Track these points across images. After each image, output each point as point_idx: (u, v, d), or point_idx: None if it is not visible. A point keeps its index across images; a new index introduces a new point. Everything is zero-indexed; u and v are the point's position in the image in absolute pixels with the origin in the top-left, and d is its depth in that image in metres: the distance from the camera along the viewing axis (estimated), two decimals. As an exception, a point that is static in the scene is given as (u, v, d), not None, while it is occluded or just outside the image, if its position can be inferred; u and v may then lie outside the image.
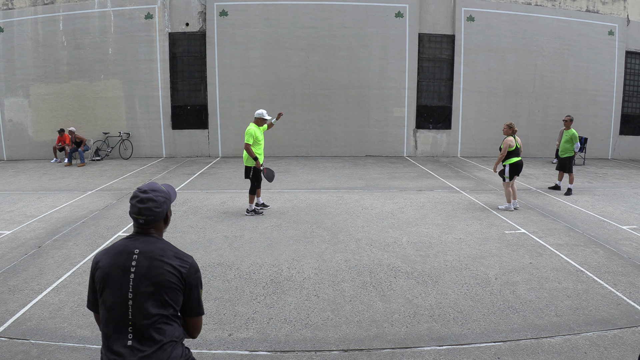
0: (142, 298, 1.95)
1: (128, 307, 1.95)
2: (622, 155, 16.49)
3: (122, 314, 1.95)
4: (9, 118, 15.06)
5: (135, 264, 1.98)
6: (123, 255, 2.01)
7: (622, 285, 5.00)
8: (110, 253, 2.04)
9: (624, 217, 7.90)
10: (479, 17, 15.22)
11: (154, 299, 1.96)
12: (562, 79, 15.77)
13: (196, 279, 2.07)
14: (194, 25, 14.90)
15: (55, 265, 5.48)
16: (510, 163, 8.19)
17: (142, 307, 1.94)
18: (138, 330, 1.93)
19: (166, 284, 1.97)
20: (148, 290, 1.95)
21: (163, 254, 2.02)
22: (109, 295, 1.97)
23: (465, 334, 3.96)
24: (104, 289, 1.99)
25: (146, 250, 2.02)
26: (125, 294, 1.95)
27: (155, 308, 1.95)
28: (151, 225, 2.09)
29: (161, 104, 15.04)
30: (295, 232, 6.88)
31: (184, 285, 2.02)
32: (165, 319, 1.97)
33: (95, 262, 2.05)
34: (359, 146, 15.53)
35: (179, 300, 2.02)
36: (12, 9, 14.65)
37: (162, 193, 2.10)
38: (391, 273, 5.30)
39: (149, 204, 2.04)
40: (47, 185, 10.59)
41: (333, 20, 14.92)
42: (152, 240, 2.07)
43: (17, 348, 3.69)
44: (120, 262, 1.99)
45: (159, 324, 1.96)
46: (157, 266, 1.98)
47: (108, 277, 1.98)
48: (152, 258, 1.99)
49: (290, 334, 3.97)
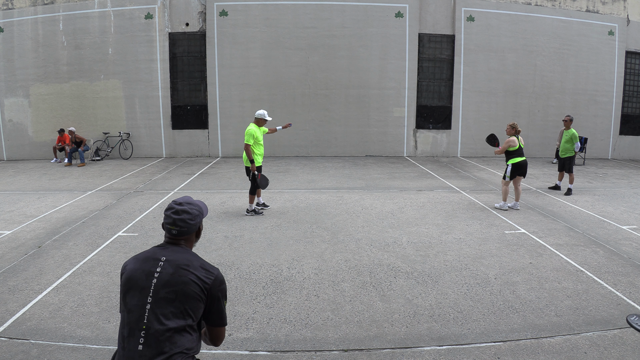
0: (161, 304, 1.96)
1: (145, 310, 1.96)
2: (622, 155, 16.49)
3: (138, 317, 1.96)
4: (9, 118, 15.06)
5: (160, 270, 2.02)
6: (150, 261, 2.06)
7: (622, 285, 5.00)
8: (139, 259, 2.10)
9: (624, 217, 7.90)
10: (479, 17, 15.22)
11: (173, 307, 1.96)
12: (562, 79, 15.77)
13: (220, 291, 2.08)
14: (194, 25, 14.90)
15: (55, 265, 5.48)
16: (513, 163, 8.21)
17: (159, 313, 1.95)
18: (150, 336, 1.93)
19: (188, 292, 1.98)
20: (169, 297, 1.97)
21: (189, 264, 2.05)
22: (130, 297, 2.00)
23: (465, 334, 3.96)
24: (127, 292, 2.02)
25: (173, 258, 2.06)
26: (145, 298, 1.97)
27: (173, 316, 1.96)
28: (183, 236, 2.14)
29: (161, 104, 15.04)
30: (295, 232, 6.88)
31: (206, 296, 2.03)
32: (180, 329, 1.96)
33: (124, 267, 2.11)
34: (359, 146, 15.53)
35: (199, 311, 2.02)
36: (12, 9, 14.65)
37: (197, 207, 2.16)
38: (391, 273, 5.30)
39: (184, 215, 2.10)
40: (47, 185, 10.59)
41: (333, 20, 14.92)
42: (180, 250, 2.11)
43: (17, 348, 3.69)
44: (145, 267, 2.04)
45: (172, 333, 1.94)
46: (182, 274, 2.00)
47: (132, 280, 2.02)
48: (177, 266, 2.03)
49: (290, 334, 3.97)
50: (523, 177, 8.40)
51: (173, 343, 1.94)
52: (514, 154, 8.24)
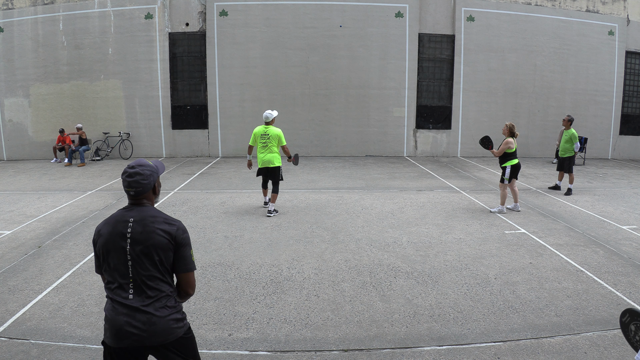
0: (139, 259, 2.25)
1: (128, 267, 2.26)
2: (622, 155, 16.49)
3: (124, 272, 2.26)
4: (9, 118, 15.06)
5: (130, 230, 2.28)
6: (120, 223, 2.30)
7: (622, 285, 5.00)
8: (110, 223, 2.33)
9: (624, 217, 7.90)
10: (479, 17, 15.22)
11: (149, 259, 2.26)
12: (562, 79, 15.77)
13: (184, 239, 2.34)
14: (194, 25, 14.90)
15: (55, 265, 5.48)
16: (512, 165, 8.09)
17: (140, 267, 2.25)
18: (137, 286, 2.25)
19: (158, 245, 2.27)
20: (144, 252, 2.25)
21: (154, 220, 2.31)
22: (112, 258, 2.28)
23: (465, 334, 3.96)
24: (107, 253, 2.29)
25: (139, 218, 2.31)
26: (125, 256, 2.26)
27: (151, 267, 2.26)
28: (141, 196, 2.38)
29: (161, 104, 15.04)
30: (295, 232, 6.88)
31: (174, 244, 2.31)
32: (160, 276, 2.28)
33: (97, 231, 2.35)
34: (359, 146, 15.53)
35: (170, 259, 2.31)
36: (12, 9, 14.65)
37: (149, 167, 2.39)
38: (391, 273, 5.30)
39: (137, 177, 2.33)
40: (47, 185, 10.59)
41: (333, 20, 14.92)
42: (144, 209, 2.35)
43: (17, 348, 3.69)
44: (117, 230, 2.29)
45: (155, 280, 2.27)
46: (149, 230, 2.27)
47: (109, 243, 2.28)
48: (144, 225, 2.29)
49: (290, 334, 3.97)
50: (516, 178, 8.27)
51: (157, 288, 2.27)
52: (512, 155, 8.09)
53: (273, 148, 7.68)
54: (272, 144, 7.67)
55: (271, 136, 7.63)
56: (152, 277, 2.26)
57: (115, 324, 2.23)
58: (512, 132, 8.09)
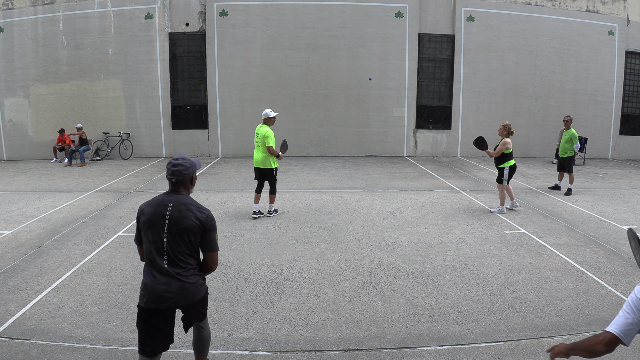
0: (173, 237, 2.77)
1: (164, 241, 2.77)
2: (622, 155, 16.49)
3: (160, 245, 2.77)
4: (9, 118, 15.06)
5: (169, 213, 2.79)
6: (161, 206, 2.81)
7: (622, 285, 5.00)
8: (152, 204, 2.84)
9: (624, 217, 7.89)
10: (479, 17, 15.22)
11: (181, 238, 2.77)
12: (562, 79, 15.77)
13: (211, 225, 2.86)
14: (194, 25, 14.90)
15: (55, 265, 5.48)
16: (509, 165, 8.04)
17: (173, 244, 2.77)
18: (171, 257, 2.77)
19: (189, 228, 2.78)
20: (178, 232, 2.77)
21: (188, 207, 2.81)
22: (151, 233, 2.79)
23: (465, 334, 3.96)
24: (147, 229, 2.80)
25: (177, 203, 2.81)
26: (162, 233, 2.77)
27: (182, 244, 2.78)
28: (181, 184, 2.88)
29: (161, 104, 15.04)
30: (295, 232, 6.88)
31: (202, 229, 2.81)
32: (188, 252, 2.80)
33: (141, 210, 2.87)
34: (359, 146, 15.53)
35: (198, 240, 2.82)
36: (12, 9, 14.65)
37: (190, 161, 2.91)
38: (391, 273, 5.30)
39: (179, 167, 2.84)
40: (47, 185, 10.59)
41: (333, 20, 14.92)
42: (181, 197, 2.86)
43: (17, 348, 3.69)
44: (158, 212, 2.80)
45: (185, 255, 2.79)
46: (184, 216, 2.78)
47: (151, 221, 2.79)
48: (180, 210, 2.79)
49: (290, 334, 3.97)
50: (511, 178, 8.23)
51: (186, 261, 2.80)
52: (509, 156, 8.02)
53: (263, 148, 7.52)
54: (261, 144, 7.52)
55: (260, 136, 7.50)
56: (182, 252, 2.78)
57: (155, 290, 2.75)
58: (510, 131, 8.01)
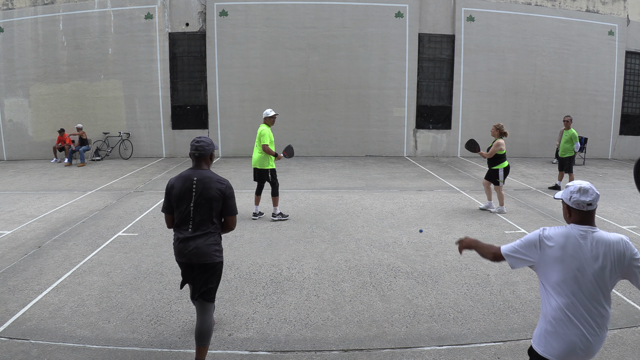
0: (199, 206, 3.36)
1: (190, 210, 3.37)
2: (622, 155, 16.49)
3: (187, 213, 3.37)
4: (9, 118, 15.06)
5: (195, 186, 3.37)
6: (188, 181, 3.39)
7: (622, 285, 4.99)
8: (180, 179, 3.42)
9: (624, 217, 7.90)
10: (479, 17, 15.22)
11: (205, 207, 3.36)
12: (562, 79, 15.77)
13: (230, 194, 3.44)
14: (194, 25, 14.90)
15: (55, 265, 5.48)
16: (503, 167, 7.94)
17: (199, 211, 3.36)
18: (195, 223, 3.37)
19: (212, 197, 3.35)
20: (202, 202, 3.35)
21: (210, 180, 3.39)
22: (180, 204, 3.38)
23: (465, 334, 3.96)
24: (178, 200, 3.39)
25: (200, 177, 3.39)
26: (190, 203, 3.36)
27: (206, 211, 3.36)
28: (202, 159, 3.48)
29: (161, 104, 15.04)
30: (295, 232, 6.88)
31: (223, 197, 3.39)
32: (210, 218, 3.38)
33: (171, 185, 3.44)
34: (359, 146, 15.53)
35: (220, 207, 3.40)
36: (12, 9, 14.65)
37: (209, 140, 3.53)
38: (391, 273, 5.30)
39: (202, 144, 3.46)
40: (47, 185, 10.59)
41: (333, 20, 14.93)
42: (203, 172, 3.44)
43: (17, 348, 3.69)
44: (186, 185, 3.38)
45: (207, 221, 3.38)
46: (208, 187, 3.36)
47: (180, 194, 3.38)
48: (204, 183, 3.37)
49: (290, 334, 3.97)
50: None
51: (207, 226, 3.38)
52: (503, 157, 7.93)
53: (260, 147, 7.38)
54: (258, 143, 7.41)
55: (258, 134, 7.41)
56: (205, 219, 3.37)
57: (178, 247, 3.39)
58: (502, 132, 7.90)
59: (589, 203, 2.34)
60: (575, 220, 2.40)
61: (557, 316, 2.28)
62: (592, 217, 2.38)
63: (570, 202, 2.38)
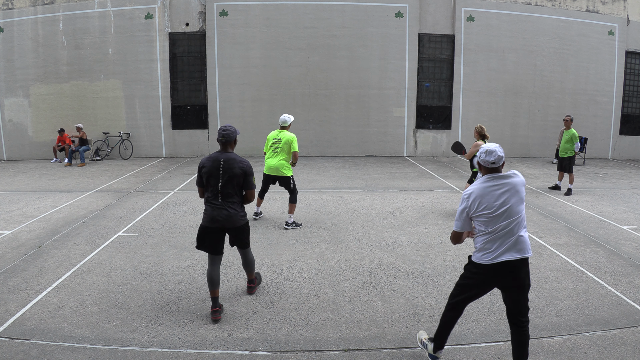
0: (225, 182, 4.14)
1: (219, 186, 4.15)
2: (622, 155, 16.49)
3: (216, 188, 4.16)
4: (9, 118, 15.06)
5: (222, 166, 4.14)
6: (216, 161, 4.15)
7: (622, 285, 5.00)
8: (210, 159, 4.18)
9: (624, 217, 7.90)
10: (479, 17, 15.22)
11: (231, 183, 4.15)
12: (562, 79, 15.77)
13: (250, 171, 4.24)
14: (194, 25, 14.90)
15: (55, 265, 5.48)
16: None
17: (225, 186, 4.14)
18: (223, 196, 4.16)
19: (236, 175, 4.14)
20: (228, 179, 4.14)
21: (234, 161, 4.16)
22: (209, 180, 4.16)
23: (465, 334, 3.96)
24: (208, 178, 4.16)
25: (226, 159, 4.17)
26: (218, 180, 4.15)
27: (231, 186, 4.15)
28: (228, 144, 4.25)
29: (161, 104, 15.04)
30: (295, 232, 6.88)
31: (244, 174, 4.18)
32: (234, 192, 4.19)
33: (202, 164, 4.20)
34: (359, 146, 15.54)
35: (241, 183, 4.20)
36: (12, 9, 14.65)
37: (233, 128, 4.30)
38: (391, 273, 5.30)
39: (228, 131, 4.24)
40: (47, 185, 10.59)
41: (333, 20, 14.93)
42: (229, 154, 4.21)
43: (17, 348, 3.69)
44: (215, 165, 4.15)
45: (231, 194, 4.18)
46: (232, 167, 4.14)
47: (210, 172, 4.15)
48: (229, 163, 4.15)
49: (290, 334, 3.97)
50: None
51: (232, 198, 4.19)
52: None
53: (283, 154, 7.06)
54: (282, 150, 7.05)
55: (283, 141, 7.03)
56: (230, 192, 4.16)
57: (210, 214, 4.17)
58: (482, 134, 7.66)
59: (492, 162, 3.11)
60: (484, 173, 3.20)
61: (486, 239, 3.15)
62: (497, 171, 3.15)
63: (480, 160, 3.16)
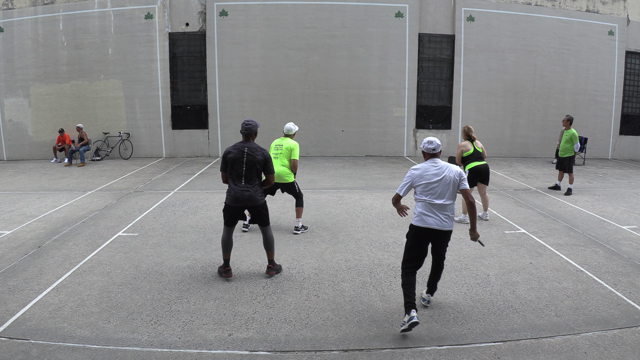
0: (248, 168, 4.85)
1: (242, 170, 4.85)
2: (622, 155, 16.49)
3: (240, 172, 4.86)
4: (9, 118, 15.06)
5: (246, 153, 4.84)
6: (241, 150, 4.84)
7: (622, 285, 5.00)
8: (235, 148, 4.88)
9: (624, 217, 7.90)
10: (479, 17, 15.22)
11: (253, 168, 4.87)
12: (562, 79, 15.77)
13: (269, 158, 4.96)
14: (194, 25, 14.90)
15: (55, 265, 5.48)
16: (470, 168, 7.43)
17: (248, 171, 4.86)
18: (246, 179, 4.88)
19: (258, 161, 4.87)
20: (251, 165, 4.84)
21: (256, 150, 4.88)
22: (234, 166, 4.85)
23: (465, 334, 3.96)
24: (233, 164, 4.84)
25: (249, 147, 4.87)
26: (242, 166, 4.85)
27: (252, 171, 4.88)
28: (250, 135, 4.94)
29: (161, 104, 15.04)
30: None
31: (265, 160, 4.92)
32: (255, 175, 4.91)
33: (227, 152, 4.88)
34: (359, 146, 15.54)
35: (262, 167, 4.93)
36: (12, 9, 14.65)
37: (254, 122, 4.96)
38: (391, 273, 5.30)
39: (250, 124, 4.92)
40: (47, 185, 10.59)
41: (333, 20, 14.93)
42: (251, 144, 4.91)
43: (17, 348, 3.69)
44: (240, 152, 4.84)
45: (254, 178, 4.91)
46: (255, 154, 4.86)
47: (234, 159, 4.83)
48: (252, 151, 4.86)
49: (290, 334, 3.97)
50: (486, 184, 7.56)
51: (253, 181, 4.91)
52: (470, 158, 7.46)
53: (284, 160, 6.93)
54: (283, 157, 6.94)
55: (284, 147, 6.94)
56: (252, 176, 4.87)
57: (235, 194, 4.86)
58: (469, 135, 7.55)
59: (433, 149, 4.17)
60: (426, 159, 4.21)
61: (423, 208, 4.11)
62: (436, 157, 4.20)
63: (423, 148, 4.20)
